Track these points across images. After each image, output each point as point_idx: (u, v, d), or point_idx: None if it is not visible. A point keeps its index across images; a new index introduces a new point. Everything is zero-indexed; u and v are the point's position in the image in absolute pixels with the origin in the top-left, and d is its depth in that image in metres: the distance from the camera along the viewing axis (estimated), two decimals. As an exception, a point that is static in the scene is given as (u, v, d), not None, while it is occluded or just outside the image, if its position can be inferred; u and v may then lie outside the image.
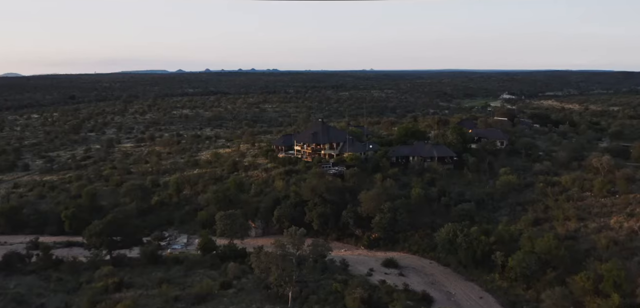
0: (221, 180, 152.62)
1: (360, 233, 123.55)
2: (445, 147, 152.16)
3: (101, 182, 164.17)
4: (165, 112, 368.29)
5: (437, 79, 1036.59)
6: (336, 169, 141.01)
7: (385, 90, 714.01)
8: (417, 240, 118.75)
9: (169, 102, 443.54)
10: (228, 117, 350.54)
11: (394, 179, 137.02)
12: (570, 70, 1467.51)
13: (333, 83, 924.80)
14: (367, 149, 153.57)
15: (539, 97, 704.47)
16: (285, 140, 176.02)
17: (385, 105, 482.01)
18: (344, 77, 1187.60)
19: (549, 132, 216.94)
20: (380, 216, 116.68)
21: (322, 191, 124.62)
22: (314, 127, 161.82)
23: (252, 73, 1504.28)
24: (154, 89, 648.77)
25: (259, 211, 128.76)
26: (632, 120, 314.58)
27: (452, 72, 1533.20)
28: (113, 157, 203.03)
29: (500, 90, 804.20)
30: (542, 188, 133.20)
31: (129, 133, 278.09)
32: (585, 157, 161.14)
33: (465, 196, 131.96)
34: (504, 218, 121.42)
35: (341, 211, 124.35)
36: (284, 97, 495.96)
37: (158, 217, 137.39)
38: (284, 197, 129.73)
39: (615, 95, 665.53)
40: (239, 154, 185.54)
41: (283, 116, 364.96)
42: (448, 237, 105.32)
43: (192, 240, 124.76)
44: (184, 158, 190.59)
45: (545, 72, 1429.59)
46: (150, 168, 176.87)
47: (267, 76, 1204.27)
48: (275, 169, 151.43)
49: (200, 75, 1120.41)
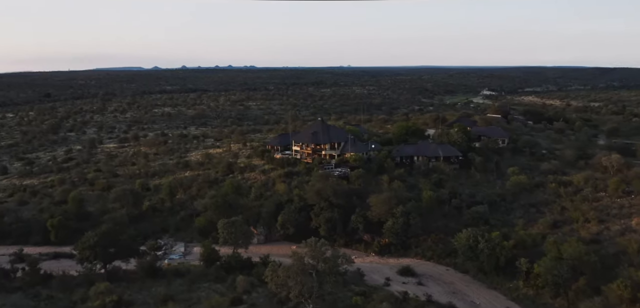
0: (216, 183, 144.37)
1: (369, 239, 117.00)
2: (451, 147, 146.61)
3: (86, 186, 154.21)
4: (146, 110, 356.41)
5: (417, 76, 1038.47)
6: (340, 171, 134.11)
7: (366, 87, 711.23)
8: (430, 246, 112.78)
9: (149, 99, 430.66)
10: (212, 115, 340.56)
11: (400, 181, 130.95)
12: (546, 67, 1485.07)
13: (313, 80, 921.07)
14: (369, 148, 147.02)
15: (518, 94, 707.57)
16: (281, 139, 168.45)
17: (370, 102, 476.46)
18: (323, 73, 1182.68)
19: (546, 130, 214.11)
20: (392, 221, 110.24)
21: (329, 195, 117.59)
22: (314, 127, 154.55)
23: (230, 70, 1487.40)
24: (131, 87, 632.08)
25: (260, 216, 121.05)
26: (615, 115, 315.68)
27: (430, 68, 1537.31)
28: (96, 158, 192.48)
29: (480, 86, 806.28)
30: (554, 189, 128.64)
31: (110, 132, 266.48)
32: (591, 155, 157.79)
33: (476, 198, 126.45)
34: (520, 221, 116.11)
35: (349, 216, 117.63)
36: (266, 95, 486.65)
37: (151, 224, 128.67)
38: (287, 201, 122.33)
39: (594, 91, 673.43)
40: (231, 154, 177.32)
41: (268, 114, 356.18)
42: (468, 243, 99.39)
43: (190, 248, 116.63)
44: (173, 160, 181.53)
45: (522, 68, 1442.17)
46: (138, 171, 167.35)
47: (245, 73, 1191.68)
48: (273, 171, 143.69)
49: (177, 72, 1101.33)
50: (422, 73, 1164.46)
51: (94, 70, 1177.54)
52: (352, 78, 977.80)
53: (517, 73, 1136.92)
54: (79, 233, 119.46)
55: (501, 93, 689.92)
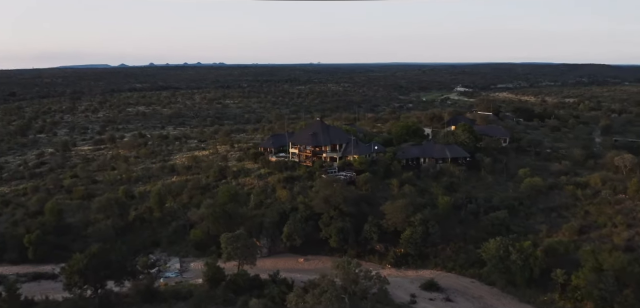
0: (208, 189, 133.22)
1: (381, 249, 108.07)
2: (458, 147, 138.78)
3: (63, 194, 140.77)
4: (119, 109, 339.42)
5: (390, 73, 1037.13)
6: (344, 175, 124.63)
7: (341, 84, 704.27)
8: (449, 256, 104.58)
9: (120, 98, 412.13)
10: (189, 114, 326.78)
11: (411, 184, 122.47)
12: (514, 63, 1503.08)
13: (285, 77, 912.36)
14: (373, 150, 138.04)
15: (491, 90, 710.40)
16: (274, 141, 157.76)
17: (350, 99, 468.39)
18: (295, 70, 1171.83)
19: (540, 127, 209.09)
20: (411, 230, 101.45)
21: (338, 202, 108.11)
22: (313, 127, 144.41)
23: (199, 67, 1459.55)
24: (100, 85, 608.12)
25: (263, 227, 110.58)
26: (593, 111, 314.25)
27: (401, 65, 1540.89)
28: (71, 162, 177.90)
29: (453, 83, 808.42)
30: (572, 191, 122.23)
31: (83, 134, 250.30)
32: (598, 154, 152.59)
33: (492, 202, 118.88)
34: (543, 227, 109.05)
35: (360, 225, 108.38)
36: (243, 92, 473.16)
37: (139, 236, 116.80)
38: (291, 209, 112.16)
39: (564, 87, 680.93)
40: (219, 157, 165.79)
41: (248, 112, 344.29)
42: (498, 253, 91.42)
43: (186, 264, 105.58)
44: (156, 163, 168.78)
45: (492, 65, 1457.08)
46: (119, 176, 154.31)
47: (216, 70, 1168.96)
48: (271, 176, 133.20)
49: (145, 70, 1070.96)
50: (393, 70, 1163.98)
51: (59, 68, 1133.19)
52: (324, 75, 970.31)
53: (487, 70, 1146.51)
54: (60, 250, 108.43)
55: (475, 89, 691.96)
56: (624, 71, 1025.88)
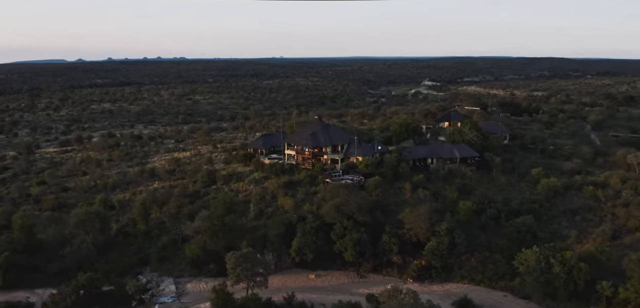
0: (198, 197, 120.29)
1: (399, 261, 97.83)
2: (467, 147, 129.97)
3: (31, 204, 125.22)
4: (82, 107, 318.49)
5: (356, 66, 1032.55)
6: (351, 179, 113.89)
7: (310, 78, 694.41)
8: (475, 267, 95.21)
9: (81, 94, 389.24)
10: (158, 111, 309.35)
11: (422, 188, 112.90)
12: (475, 57, 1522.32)
13: (250, 71, 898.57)
14: (376, 150, 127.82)
15: (458, 83, 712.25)
16: (265, 141, 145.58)
17: (322, 94, 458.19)
18: (259, 65, 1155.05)
19: (531, 123, 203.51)
20: (436, 240, 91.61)
21: (353, 211, 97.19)
22: (311, 126, 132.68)
23: (160, 61, 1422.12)
24: (58, 81, 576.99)
25: (268, 240, 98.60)
26: (564, 105, 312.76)
27: (365, 59, 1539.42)
28: (37, 167, 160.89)
29: (420, 77, 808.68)
30: (592, 192, 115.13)
31: (47, 134, 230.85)
32: (607, 152, 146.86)
33: (511, 205, 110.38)
34: (571, 232, 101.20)
35: (375, 234, 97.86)
36: (212, 88, 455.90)
37: (124, 253, 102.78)
38: (298, 220, 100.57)
39: (529, 80, 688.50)
40: (203, 159, 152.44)
41: (220, 109, 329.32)
42: (539, 265, 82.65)
43: (182, 286, 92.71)
44: (132, 167, 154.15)
45: (454, 58, 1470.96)
46: (93, 183, 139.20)
47: (177, 65, 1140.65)
48: (268, 180, 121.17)
49: (104, 65, 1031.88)
50: (357, 64, 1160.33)
51: (13, 64, 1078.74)
52: (289, 69, 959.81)
53: (451, 63, 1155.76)
54: (32, 272, 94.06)
55: (443, 83, 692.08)
56: (583, 64, 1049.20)
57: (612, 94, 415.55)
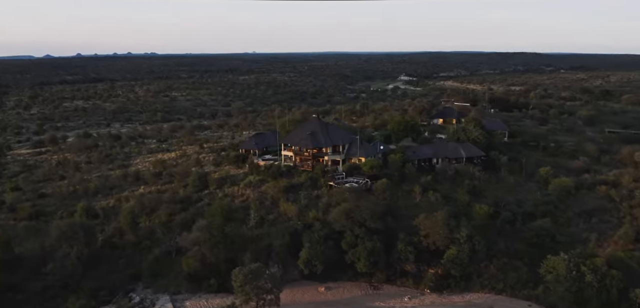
0: (191, 203, 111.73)
1: (413, 270, 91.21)
2: (472, 145, 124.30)
3: (5, 213, 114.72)
4: (54, 105, 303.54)
5: (332, 62, 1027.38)
6: (356, 181, 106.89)
7: (286, 74, 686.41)
8: (495, 274, 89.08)
9: (52, 92, 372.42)
10: (135, 109, 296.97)
11: (430, 190, 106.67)
12: (447, 52, 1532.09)
13: (224, 66, 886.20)
14: (378, 150, 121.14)
15: (435, 78, 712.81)
16: (258, 141, 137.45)
17: (301, 89, 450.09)
18: (233, 60, 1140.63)
19: (525, 119, 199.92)
20: (456, 249, 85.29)
21: (365, 218, 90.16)
22: (309, 125, 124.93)
23: (130, 57, 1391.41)
24: (27, 77, 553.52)
25: (272, 251, 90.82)
26: (544, 99, 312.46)
27: (337, 54, 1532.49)
28: (10, 171, 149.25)
29: (396, 72, 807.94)
30: (605, 192, 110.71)
31: (18, 134, 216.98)
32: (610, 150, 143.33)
33: (525, 207, 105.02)
34: (591, 235, 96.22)
35: (388, 242, 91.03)
36: (189, 84, 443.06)
37: (113, 268, 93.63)
38: (305, 228, 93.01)
39: (504, 75, 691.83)
40: (191, 160, 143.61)
41: (199, 105, 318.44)
42: (570, 273, 77.13)
43: (180, 304, 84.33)
44: (114, 170, 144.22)
45: (427, 53, 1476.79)
46: (72, 188, 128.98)
47: (149, 60, 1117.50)
48: (265, 184, 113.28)
49: (73, 61, 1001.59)
50: (331, 59, 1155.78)
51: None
52: (263, 64, 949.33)
53: (425, 58, 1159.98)
54: (12, 293, 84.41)
55: (420, 78, 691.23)
56: (554, 59, 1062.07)
57: (588, 88, 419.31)
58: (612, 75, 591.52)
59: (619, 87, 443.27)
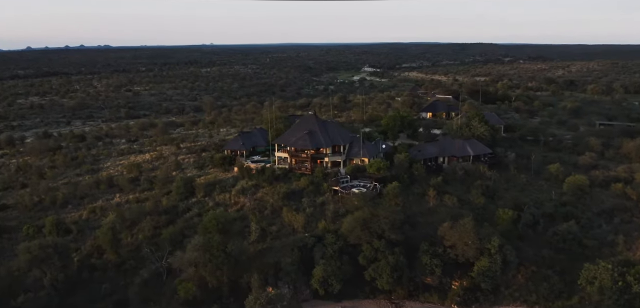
0: (178, 214, 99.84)
1: (435, 283, 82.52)
2: (479, 143, 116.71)
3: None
4: (7, 102, 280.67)
5: (294, 53, 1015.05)
6: (363, 185, 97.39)
7: (249, 66, 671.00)
8: (524, 284, 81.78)
9: (4, 87, 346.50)
10: (96, 105, 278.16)
11: (441, 192, 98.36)
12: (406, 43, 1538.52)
13: (183, 59, 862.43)
14: (381, 150, 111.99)
15: (398, 69, 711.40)
16: (245, 141, 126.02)
17: (267, 82, 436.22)
18: (192, 52, 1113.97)
19: (509, 111, 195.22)
20: (488, 260, 76.99)
21: (384, 228, 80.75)
22: (305, 122, 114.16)
23: (83, 49, 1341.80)
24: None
25: (280, 269, 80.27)
26: (511, 90, 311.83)
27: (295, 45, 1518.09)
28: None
29: (359, 63, 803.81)
30: (621, 190, 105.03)
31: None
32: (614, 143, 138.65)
33: (544, 209, 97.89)
34: (619, 238, 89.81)
35: (408, 254, 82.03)
36: (151, 77, 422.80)
37: (95, 295, 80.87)
38: (315, 241, 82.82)
39: (464, 66, 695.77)
40: (171, 163, 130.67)
41: (164, 100, 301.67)
42: (616, 285, 70.08)
43: (178, 335, 72.89)
44: (83, 175, 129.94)
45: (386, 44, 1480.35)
46: (37, 198, 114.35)
47: (104, 53, 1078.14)
48: (261, 190, 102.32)
49: (23, 54, 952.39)
50: (291, 50, 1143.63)
51: None
52: (223, 56, 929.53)
53: (384, 49, 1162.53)
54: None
55: (384, 69, 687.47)
56: (511, 50, 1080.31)
57: (552, 78, 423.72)
58: (572, 65, 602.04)
59: (582, 77, 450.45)
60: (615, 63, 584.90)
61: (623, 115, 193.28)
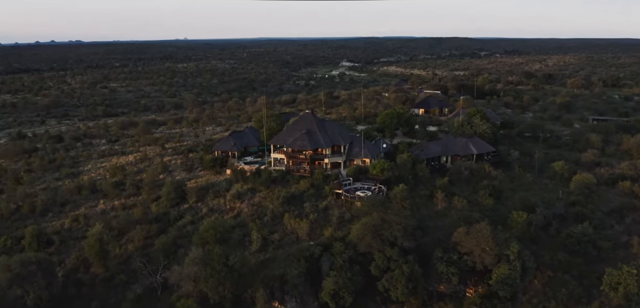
0: (169, 222, 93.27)
1: (448, 290, 78.08)
2: (482, 141, 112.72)
3: None
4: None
5: (271, 48, 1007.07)
6: (367, 187, 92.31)
7: (226, 61, 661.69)
8: (540, 290, 77.44)
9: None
10: (71, 103, 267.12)
11: (448, 193, 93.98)
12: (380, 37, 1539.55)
13: (158, 54, 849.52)
14: (382, 149, 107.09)
15: (376, 64, 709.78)
16: (237, 141, 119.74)
17: (248, 78, 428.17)
18: (166, 47, 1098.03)
19: (500, 106, 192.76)
20: (508, 267, 72.70)
21: (397, 235, 75.79)
22: (302, 121, 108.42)
23: (54, 45, 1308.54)
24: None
25: (286, 282, 74.64)
26: (491, 84, 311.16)
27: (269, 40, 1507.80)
28: None
29: (337, 58, 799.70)
30: (629, 188, 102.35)
31: None
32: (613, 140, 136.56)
33: (554, 210, 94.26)
34: (634, 239, 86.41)
35: (421, 261, 77.31)
36: (127, 73, 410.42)
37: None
38: (322, 250, 77.44)
39: (442, 60, 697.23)
40: (155, 165, 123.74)
41: (142, 97, 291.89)
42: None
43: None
44: (61, 179, 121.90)
45: (361, 39, 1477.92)
46: (14, 205, 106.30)
47: (76, 48, 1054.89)
48: (257, 194, 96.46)
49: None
50: (269, 45, 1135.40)
51: None
52: (199, 51, 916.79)
53: (360, 44, 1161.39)
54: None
55: (363, 64, 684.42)
56: (486, 44, 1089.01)
57: (530, 72, 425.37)
58: (549, 59, 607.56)
59: (559, 70, 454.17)
60: (591, 57, 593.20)
61: (611, 110, 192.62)
